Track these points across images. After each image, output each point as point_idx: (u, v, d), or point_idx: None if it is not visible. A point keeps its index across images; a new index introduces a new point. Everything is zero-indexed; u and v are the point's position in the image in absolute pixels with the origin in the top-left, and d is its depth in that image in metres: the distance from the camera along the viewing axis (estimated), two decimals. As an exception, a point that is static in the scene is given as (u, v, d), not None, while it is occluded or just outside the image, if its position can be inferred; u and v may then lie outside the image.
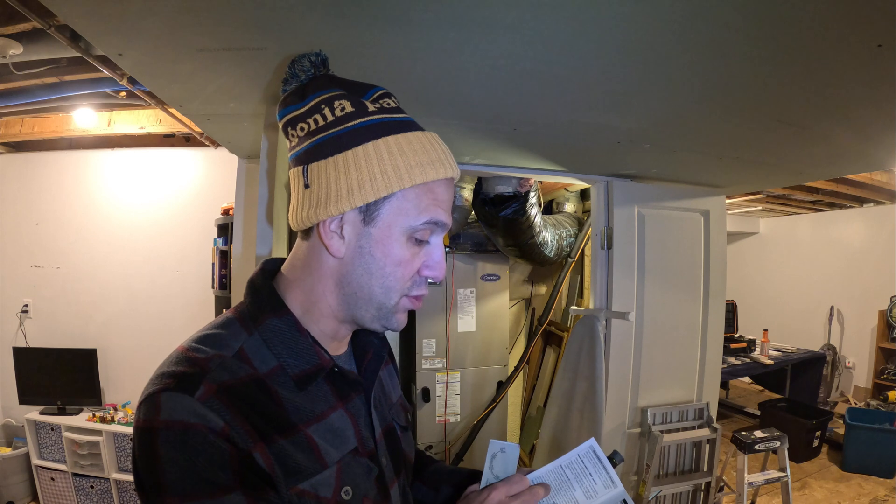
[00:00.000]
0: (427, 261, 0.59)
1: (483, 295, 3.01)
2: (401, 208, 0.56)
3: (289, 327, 0.57)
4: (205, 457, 0.46)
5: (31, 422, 2.82)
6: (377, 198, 0.55)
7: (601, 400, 2.07)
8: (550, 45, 0.97)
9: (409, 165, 0.55)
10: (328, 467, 0.55)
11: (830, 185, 4.03)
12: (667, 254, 2.26)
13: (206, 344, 0.53)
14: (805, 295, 5.59)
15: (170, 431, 0.47)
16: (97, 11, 0.88)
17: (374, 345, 0.68)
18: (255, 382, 0.53)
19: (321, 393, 0.58)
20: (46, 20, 1.45)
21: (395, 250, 0.57)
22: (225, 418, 0.48)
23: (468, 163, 2.00)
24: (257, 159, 1.58)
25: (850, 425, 3.58)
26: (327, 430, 0.56)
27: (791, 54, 0.98)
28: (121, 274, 3.10)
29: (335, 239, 0.56)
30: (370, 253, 0.56)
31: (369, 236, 0.56)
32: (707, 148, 1.71)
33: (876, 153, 1.72)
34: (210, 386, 0.49)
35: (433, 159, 0.57)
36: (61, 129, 2.79)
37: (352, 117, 0.56)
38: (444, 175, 0.58)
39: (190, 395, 0.48)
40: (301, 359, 0.57)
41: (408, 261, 0.57)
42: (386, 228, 0.56)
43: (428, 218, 0.57)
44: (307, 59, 0.59)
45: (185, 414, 0.47)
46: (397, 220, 0.56)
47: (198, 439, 0.47)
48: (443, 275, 0.61)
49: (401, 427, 0.71)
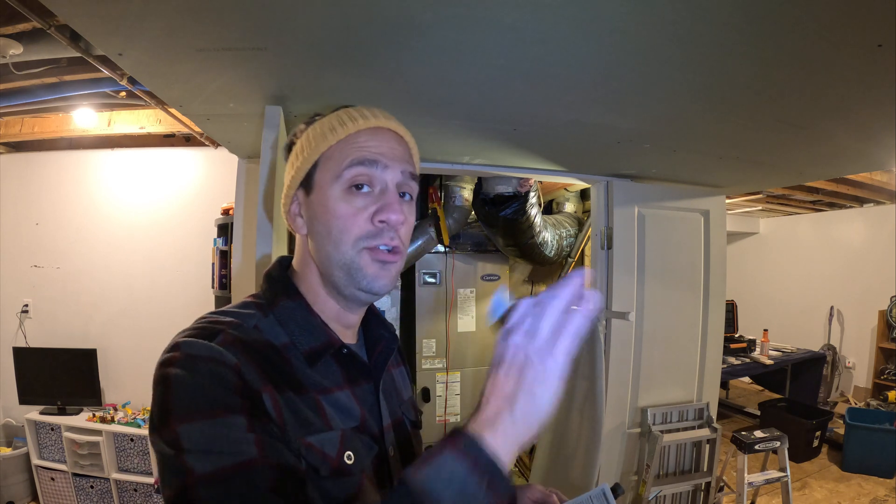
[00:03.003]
0: (377, 207, 0.60)
1: (483, 295, 3.01)
2: (326, 167, 0.61)
3: (300, 308, 0.61)
4: (213, 380, 0.49)
5: (31, 422, 2.82)
6: (307, 168, 0.62)
7: (601, 400, 2.07)
8: (550, 45, 0.97)
9: (324, 133, 0.62)
10: (333, 430, 0.56)
11: (830, 185, 4.03)
12: (667, 254, 2.26)
13: (224, 315, 0.57)
14: (805, 295, 5.59)
15: (184, 359, 0.50)
16: (97, 11, 0.88)
17: (384, 338, 0.70)
18: (269, 346, 0.56)
19: (330, 371, 0.60)
20: (46, 20, 1.45)
21: (334, 205, 0.60)
22: (239, 359, 0.51)
23: (468, 163, 2.00)
24: (257, 159, 1.58)
25: (850, 425, 3.58)
26: (333, 403, 0.58)
27: (791, 54, 0.99)
28: (121, 274, 3.09)
29: (297, 220, 0.64)
30: (317, 217, 0.61)
31: (312, 204, 0.62)
32: (707, 148, 1.71)
33: (876, 153, 1.72)
34: (227, 336, 0.52)
35: (350, 119, 0.62)
36: (61, 129, 2.78)
37: (302, 131, 0.65)
38: (364, 126, 0.61)
39: (208, 341, 0.51)
40: (311, 336, 0.60)
41: (351, 213, 0.59)
42: (320, 190, 0.61)
43: (350, 160, 0.60)
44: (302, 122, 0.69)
45: (201, 350, 0.50)
46: (326, 177, 0.61)
47: (209, 365, 0.49)
48: (396, 216, 0.59)
49: (411, 423, 0.73)
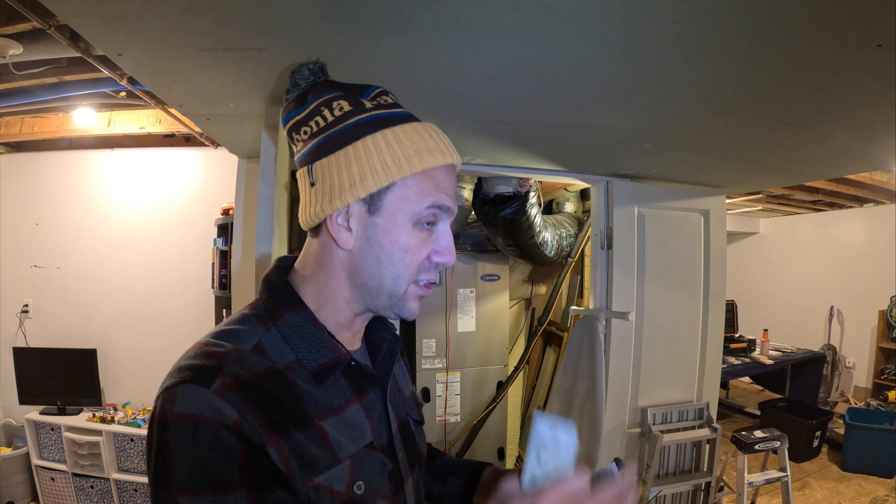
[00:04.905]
0: (436, 247, 0.60)
1: (483, 295, 3.01)
2: (403, 196, 0.57)
3: (306, 322, 0.59)
4: (213, 452, 0.47)
5: (31, 422, 2.82)
6: (379, 188, 0.56)
7: (601, 400, 2.07)
8: (550, 45, 0.97)
9: (407, 154, 0.57)
10: (341, 462, 0.55)
11: (830, 185, 4.03)
12: (667, 254, 2.26)
13: (224, 339, 0.55)
14: (805, 295, 5.59)
15: (181, 423, 0.47)
16: (97, 11, 0.88)
17: (387, 340, 0.69)
18: (272, 375, 0.54)
19: (338, 387, 0.59)
20: (46, 20, 1.45)
21: (402, 238, 0.58)
22: (240, 410, 0.49)
23: (468, 163, 2.00)
24: (257, 159, 1.58)
25: (850, 425, 3.58)
26: (343, 424, 0.57)
27: (791, 54, 0.98)
28: (121, 274, 3.10)
29: (343, 232, 0.58)
30: (378, 242, 0.58)
31: (375, 226, 0.58)
32: (707, 148, 1.71)
33: (876, 153, 1.72)
34: (226, 379, 0.50)
35: (431, 147, 0.58)
36: (61, 129, 2.78)
37: (350, 115, 0.58)
38: (444, 161, 0.59)
39: (206, 388, 0.49)
40: (319, 352, 0.58)
41: (415, 247, 0.58)
42: (391, 217, 0.57)
43: (431, 202, 0.58)
44: (306, 68, 0.62)
45: (199, 407, 0.48)
46: (401, 207, 0.57)
47: (208, 433, 0.47)
48: (453, 259, 0.61)
49: (415, 421, 0.72)
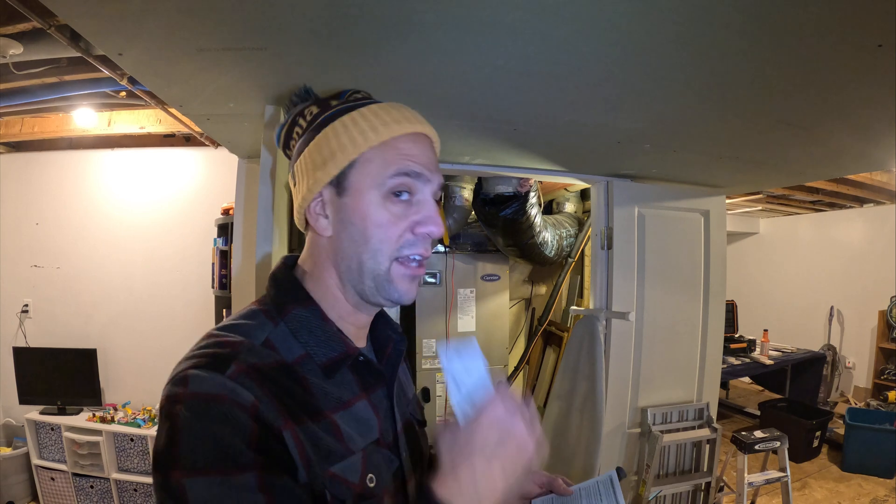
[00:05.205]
0: (416, 217, 0.58)
1: (483, 295, 3.01)
2: (366, 171, 0.57)
3: (314, 316, 0.59)
4: (226, 427, 0.45)
5: (31, 422, 2.82)
6: (341, 168, 0.57)
7: (601, 400, 2.07)
8: (550, 45, 0.97)
9: (363, 130, 0.57)
10: (355, 453, 0.55)
11: (830, 185, 4.03)
12: (667, 254, 2.26)
13: (234, 332, 0.54)
14: (805, 295, 5.59)
15: (195, 400, 0.46)
16: (97, 11, 0.88)
17: (393, 339, 0.68)
18: (283, 368, 0.53)
19: (346, 382, 0.59)
20: (46, 20, 1.45)
21: (373, 212, 0.57)
22: (256, 395, 0.48)
23: (468, 163, 2.00)
24: (257, 159, 1.58)
25: (850, 425, 3.58)
26: (352, 418, 0.57)
27: (791, 54, 0.99)
28: (121, 274, 3.09)
29: (321, 220, 0.59)
30: (350, 221, 0.58)
31: (345, 206, 0.58)
32: (707, 148, 1.71)
33: (876, 153, 1.72)
34: (241, 365, 0.49)
35: (390, 119, 0.58)
36: (61, 129, 2.78)
37: (318, 116, 0.61)
38: (407, 130, 0.59)
39: (220, 373, 0.48)
40: (328, 346, 0.57)
41: (390, 221, 0.57)
42: (357, 194, 0.57)
43: (395, 170, 0.57)
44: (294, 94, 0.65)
45: (214, 387, 0.47)
46: (365, 181, 0.57)
47: (222, 410, 0.46)
48: (439, 229, 0.59)
49: (418, 422, 0.72)
